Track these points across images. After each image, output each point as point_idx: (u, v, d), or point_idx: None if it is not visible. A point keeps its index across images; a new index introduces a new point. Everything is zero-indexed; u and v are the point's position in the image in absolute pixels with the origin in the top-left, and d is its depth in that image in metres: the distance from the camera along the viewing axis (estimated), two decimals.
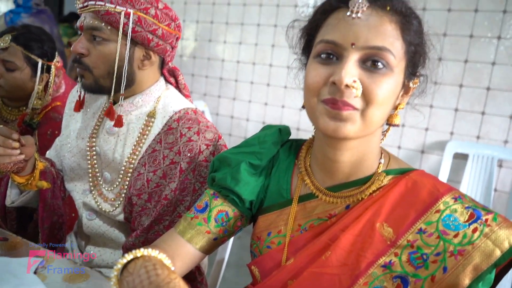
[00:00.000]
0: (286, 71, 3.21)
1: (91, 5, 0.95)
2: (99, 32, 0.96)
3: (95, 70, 0.99)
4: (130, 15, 0.94)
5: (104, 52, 0.98)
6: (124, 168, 1.03)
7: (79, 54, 0.99)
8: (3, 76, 1.41)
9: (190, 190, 0.97)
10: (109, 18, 0.94)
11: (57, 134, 1.43)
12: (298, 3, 3.12)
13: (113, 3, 0.94)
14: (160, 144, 1.00)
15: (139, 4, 0.95)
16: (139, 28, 0.96)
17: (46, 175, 1.09)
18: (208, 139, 0.98)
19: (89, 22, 0.96)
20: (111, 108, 0.99)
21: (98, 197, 1.08)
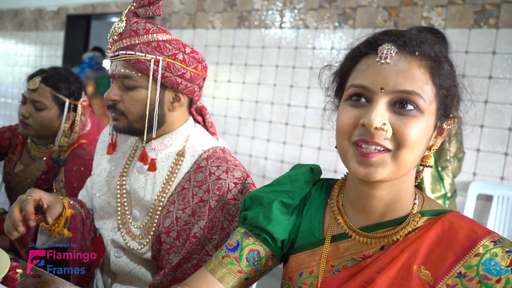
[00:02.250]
0: (304, 110, 3.25)
1: (121, 55, 0.99)
2: (130, 80, 1.00)
3: (128, 115, 1.02)
4: (160, 62, 0.97)
5: (136, 98, 1.01)
6: (153, 206, 1.04)
7: (113, 101, 1.03)
8: (32, 116, 1.46)
9: (219, 228, 0.97)
10: (139, 66, 0.98)
11: (83, 171, 1.47)
12: (315, 46, 3.21)
13: (143, 51, 0.97)
14: (189, 182, 1.01)
15: (168, 51, 0.99)
16: (168, 73, 0.99)
17: (75, 220, 1.09)
18: (236, 177, 1.00)
19: (120, 70, 1.00)
20: (145, 153, 1.01)
21: (126, 235, 1.08)
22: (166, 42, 0.98)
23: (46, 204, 0.98)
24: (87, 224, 1.15)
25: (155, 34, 0.98)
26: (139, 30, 0.98)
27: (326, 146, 3.17)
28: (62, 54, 4.56)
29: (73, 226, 1.10)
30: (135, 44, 0.97)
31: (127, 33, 0.98)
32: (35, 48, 4.79)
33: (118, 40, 0.99)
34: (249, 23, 3.53)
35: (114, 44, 1.00)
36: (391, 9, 2.95)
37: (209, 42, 3.68)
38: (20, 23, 4.90)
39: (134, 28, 0.98)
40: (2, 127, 1.65)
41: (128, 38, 0.98)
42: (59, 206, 1.00)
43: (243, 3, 3.56)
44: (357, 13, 3.07)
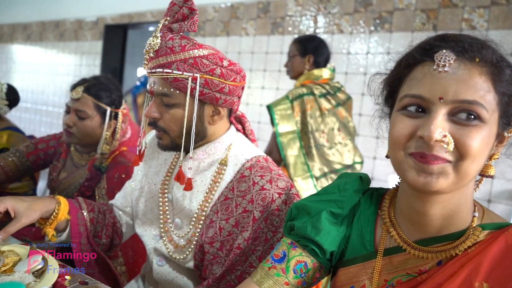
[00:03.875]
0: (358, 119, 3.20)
1: (159, 72, 0.97)
2: (169, 98, 0.99)
3: (170, 132, 1.02)
4: (197, 80, 0.96)
5: (176, 115, 1.00)
6: (196, 215, 1.04)
7: (153, 118, 1.02)
8: (75, 125, 1.50)
9: (262, 239, 0.96)
10: (177, 84, 0.97)
11: (124, 178, 1.49)
12: (350, 51, 3.16)
13: (180, 69, 0.95)
14: (232, 192, 1.00)
15: (205, 67, 0.96)
16: (207, 90, 0.97)
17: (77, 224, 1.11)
18: (280, 187, 0.98)
19: (158, 88, 0.99)
20: (181, 173, 1.00)
21: (169, 244, 1.08)
22: (203, 58, 0.96)
23: (13, 214, 0.99)
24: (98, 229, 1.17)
25: (191, 51, 0.96)
26: (175, 47, 0.96)
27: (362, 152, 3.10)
28: (100, 63, 4.70)
29: (74, 230, 1.11)
30: (171, 61, 0.96)
31: (163, 50, 0.96)
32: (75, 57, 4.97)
33: (155, 57, 0.98)
34: (283, 29, 3.52)
35: (151, 61, 0.99)
36: (429, 11, 2.87)
37: (243, 49, 3.70)
38: (61, 34, 5.09)
39: (170, 45, 0.96)
40: (48, 136, 1.71)
41: (164, 56, 0.96)
42: (33, 213, 1.00)
43: (276, 10, 3.56)
44: (393, 16, 3.00)
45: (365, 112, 3.08)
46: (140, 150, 1.10)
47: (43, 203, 1.03)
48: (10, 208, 0.97)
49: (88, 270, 1.11)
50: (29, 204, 1.00)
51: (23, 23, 5.43)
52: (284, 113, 2.11)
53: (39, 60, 5.31)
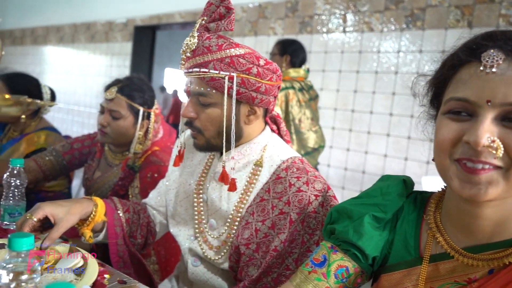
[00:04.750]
0: (369, 116, 3.15)
1: (195, 72, 0.98)
2: (205, 98, 0.99)
3: (205, 132, 1.02)
4: (234, 79, 0.95)
5: (212, 115, 1.00)
6: (231, 216, 1.03)
7: (189, 118, 1.03)
8: (110, 125, 1.52)
9: (299, 242, 0.94)
10: (214, 83, 0.97)
11: (156, 177, 1.50)
12: (380, 49, 3.10)
13: (217, 69, 0.95)
14: (268, 194, 0.99)
15: (241, 66, 0.96)
16: (243, 89, 0.97)
17: (113, 225, 1.13)
18: (317, 189, 0.96)
19: (195, 88, 0.99)
20: (225, 173, 1.00)
21: (204, 244, 1.08)
22: (239, 57, 0.96)
23: (53, 220, 1.00)
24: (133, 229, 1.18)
25: (228, 50, 0.96)
26: (212, 47, 0.96)
27: (393, 153, 3.04)
28: (130, 63, 4.79)
29: (111, 231, 1.13)
30: (208, 61, 0.96)
31: (200, 50, 0.97)
32: (105, 58, 5.07)
33: (192, 57, 0.98)
34: (311, 28, 3.49)
35: (188, 61, 1.00)
36: (464, 7, 2.78)
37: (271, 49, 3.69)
38: (92, 36, 5.21)
39: (207, 45, 0.96)
40: (82, 136, 1.74)
41: (201, 55, 0.96)
42: (73, 218, 1.02)
43: (305, 9, 3.53)
44: (426, 13, 2.92)
45: (395, 112, 3.01)
46: (180, 150, 1.11)
47: (81, 206, 1.05)
48: (49, 214, 0.99)
49: (124, 270, 1.12)
50: (67, 209, 1.01)
51: (56, 25, 5.59)
52: None
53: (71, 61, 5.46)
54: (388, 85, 3.07)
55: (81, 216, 1.05)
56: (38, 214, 0.97)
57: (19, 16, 6.06)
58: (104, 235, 1.12)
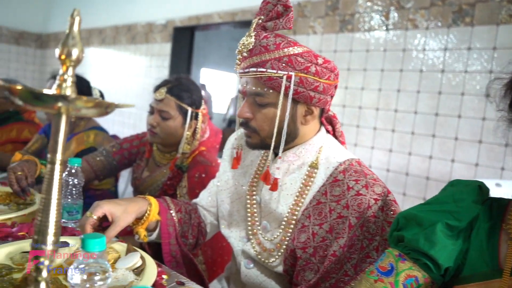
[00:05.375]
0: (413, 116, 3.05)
1: (252, 72, 0.97)
2: (262, 97, 0.98)
3: (261, 132, 1.01)
4: (292, 78, 0.94)
5: (269, 115, 0.99)
6: (286, 219, 1.02)
7: (245, 118, 1.02)
8: (159, 125, 1.54)
9: (358, 247, 0.91)
10: (271, 83, 0.95)
11: (204, 177, 1.51)
12: (425, 47, 2.99)
13: (274, 68, 0.94)
14: (325, 196, 0.97)
15: (299, 65, 0.94)
16: (301, 88, 0.95)
17: (166, 224, 1.13)
18: (377, 193, 0.93)
19: (251, 88, 0.98)
20: (268, 173, 0.99)
21: (257, 246, 1.07)
22: (297, 56, 0.94)
23: (111, 218, 1.01)
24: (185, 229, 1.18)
25: (286, 49, 0.94)
26: (269, 46, 0.95)
27: (439, 154, 2.93)
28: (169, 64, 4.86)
29: (164, 231, 1.13)
30: (265, 60, 0.95)
31: (257, 49, 0.96)
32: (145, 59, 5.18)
33: (248, 56, 0.97)
34: (352, 26, 3.42)
35: (244, 61, 0.99)
36: None
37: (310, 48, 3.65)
38: (132, 37, 5.34)
39: (264, 44, 0.95)
40: (131, 136, 1.77)
41: (259, 55, 0.95)
42: (129, 216, 1.03)
43: (345, 6, 3.46)
44: (475, 9, 2.80)
45: (442, 112, 2.90)
46: (237, 152, 1.10)
47: (137, 205, 1.06)
48: (107, 212, 1.01)
49: (177, 270, 1.12)
50: (124, 208, 1.03)
51: (98, 28, 5.76)
52: None
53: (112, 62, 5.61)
54: (433, 84, 2.97)
55: (137, 215, 1.06)
56: (98, 212, 0.99)
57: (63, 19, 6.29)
58: (157, 234, 1.13)
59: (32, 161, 1.43)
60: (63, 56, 0.47)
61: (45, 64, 6.52)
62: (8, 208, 1.27)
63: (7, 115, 2.42)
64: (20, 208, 1.26)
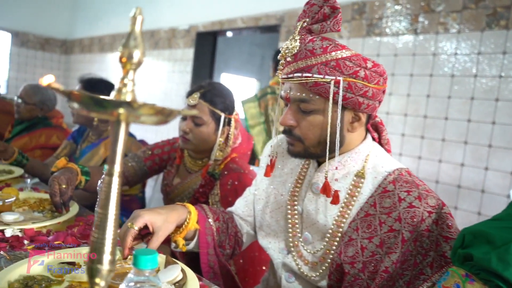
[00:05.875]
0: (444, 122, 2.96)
1: (297, 77, 0.92)
2: (307, 104, 0.93)
3: (306, 140, 0.96)
4: (340, 83, 0.89)
5: (314, 122, 0.94)
6: (330, 231, 0.97)
7: (289, 126, 0.97)
8: (192, 131, 1.51)
9: (411, 263, 0.86)
10: (317, 89, 0.91)
11: (237, 185, 1.47)
12: (457, 51, 2.90)
13: (321, 73, 0.90)
14: (374, 208, 0.91)
15: (348, 69, 0.89)
16: (349, 94, 0.91)
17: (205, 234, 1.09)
18: (430, 205, 0.87)
19: (296, 94, 0.94)
20: (327, 185, 0.94)
21: (298, 259, 1.02)
22: (345, 60, 0.89)
23: (151, 228, 0.97)
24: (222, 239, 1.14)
25: (333, 52, 0.90)
26: (316, 50, 0.90)
27: (471, 162, 2.83)
28: (191, 69, 4.87)
29: (202, 240, 1.09)
30: (312, 65, 0.90)
31: (303, 54, 0.91)
32: (168, 64, 5.20)
33: (293, 61, 0.93)
34: (380, 30, 3.35)
35: (288, 66, 0.95)
36: None
37: None
38: (155, 42, 5.37)
39: (310, 48, 0.91)
40: (162, 141, 1.75)
41: (304, 59, 0.91)
42: (170, 226, 0.99)
43: (373, 10, 3.40)
44: (511, 11, 2.70)
45: (474, 118, 2.80)
46: (272, 159, 1.06)
47: (177, 214, 1.03)
48: (148, 222, 0.97)
49: (214, 281, 1.08)
50: (165, 217, 0.99)
51: (122, 33, 5.82)
52: (253, 109, 2.87)
53: None
54: (466, 90, 2.87)
55: (177, 224, 1.02)
56: (139, 222, 0.96)
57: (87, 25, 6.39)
58: (195, 243, 1.09)
59: (74, 171, 1.39)
60: (124, 59, 0.43)
61: (69, 70, 6.62)
62: (43, 215, 1.25)
63: (36, 120, 2.44)
64: (54, 216, 1.24)
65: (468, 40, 2.88)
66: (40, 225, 1.12)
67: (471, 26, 2.85)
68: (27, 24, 6.03)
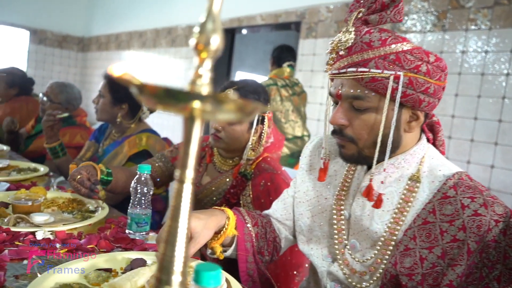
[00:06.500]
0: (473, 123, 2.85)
1: (350, 72, 0.86)
2: (362, 101, 0.87)
3: (359, 141, 0.90)
4: (400, 78, 0.82)
5: (369, 121, 0.88)
6: (383, 239, 0.90)
7: (340, 126, 0.91)
8: (224, 129, 1.45)
9: (477, 276, 0.79)
10: (374, 85, 0.84)
11: (269, 186, 1.40)
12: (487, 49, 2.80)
13: (379, 67, 0.83)
14: (433, 215, 0.84)
15: (409, 63, 0.83)
16: (410, 90, 0.84)
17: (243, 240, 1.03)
18: (497, 213, 0.80)
19: (348, 91, 0.87)
20: (371, 188, 0.88)
21: (345, 268, 0.96)
22: (406, 53, 0.83)
23: (191, 234, 0.91)
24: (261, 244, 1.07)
25: (393, 45, 0.83)
26: (374, 42, 0.83)
27: (502, 164, 2.73)
28: None
29: (241, 247, 1.03)
30: (368, 59, 0.84)
31: (358, 47, 0.85)
32: (185, 62, 5.16)
33: (346, 55, 0.86)
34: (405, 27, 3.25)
35: (340, 60, 0.88)
36: None
37: None
38: (173, 40, 5.34)
39: (367, 40, 0.84)
40: None
41: (360, 53, 0.84)
42: (209, 232, 0.94)
43: None
44: None
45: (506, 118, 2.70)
46: (325, 162, 0.99)
47: (216, 219, 0.97)
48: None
49: None
50: (205, 223, 0.93)
51: (139, 31, 5.80)
52: None
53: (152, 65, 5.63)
54: (497, 88, 2.77)
55: (216, 230, 0.96)
56: None
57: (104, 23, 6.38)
58: (233, 250, 1.03)
59: (89, 166, 1.38)
60: (201, 45, 0.37)
61: (86, 67, 6.63)
62: (73, 216, 1.21)
63: None
64: (84, 217, 1.20)
65: (499, 37, 2.77)
66: (71, 227, 1.08)
67: (503, 22, 2.74)
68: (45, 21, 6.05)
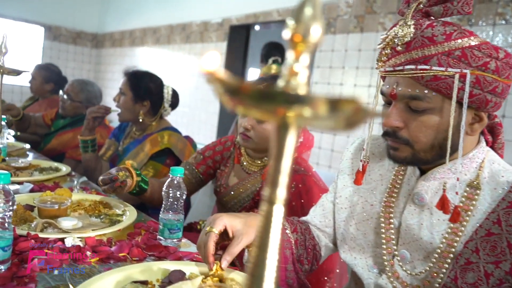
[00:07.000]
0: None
1: (408, 70, 0.79)
2: (420, 102, 0.80)
3: (415, 144, 0.82)
4: (467, 77, 0.75)
5: (428, 123, 0.81)
6: (439, 251, 0.83)
7: (394, 128, 0.84)
8: (254, 128, 1.38)
9: None
10: (436, 84, 0.77)
11: (301, 188, 1.34)
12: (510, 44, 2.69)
13: (442, 65, 0.76)
14: (499, 227, 0.77)
15: (476, 60, 0.75)
16: (477, 90, 0.76)
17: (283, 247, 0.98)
18: None
19: (406, 90, 0.80)
20: (445, 199, 0.79)
21: (395, 281, 0.89)
22: (474, 49, 0.76)
23: (232, 234, 0.87)
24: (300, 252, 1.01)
25: (459, 40, 0.76)
26: (437, 37, 0.76)
27: None
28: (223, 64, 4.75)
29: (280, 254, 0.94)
30: (430, 55, 0.76)
31: (418, 42, 0.77)
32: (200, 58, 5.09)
33: (404, 51, 0.79)
34: None
35: (397, 56, 0.81)
36: None
37: None
38: (187, 36, 5.28)
39: (429, 34, 0.77)
40: (212, 142, 1.63)
41: (420, 48, 0.77)
42: (252, 231, 0.87)
43: None
44: None
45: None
46: (364, 165, 0.92)
47: (255, 219, 0.91)
48: (228, 226, 0.87)
49: None
50: (245, 220, 0.89)
51: (153, 27, 5.75)
52: None
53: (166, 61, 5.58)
54: None
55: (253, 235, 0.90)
56: (219, 225, 0.86)
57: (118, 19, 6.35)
58: None
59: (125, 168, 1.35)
60: (298, 36, 0.30)
61: (99, 63, 6.61)
62: (101, 221, 1.15)
63: (81, 117, 2.38)
64: (113, 222, 1.14)
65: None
66: (101, 233, 1.02)
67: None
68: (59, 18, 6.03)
